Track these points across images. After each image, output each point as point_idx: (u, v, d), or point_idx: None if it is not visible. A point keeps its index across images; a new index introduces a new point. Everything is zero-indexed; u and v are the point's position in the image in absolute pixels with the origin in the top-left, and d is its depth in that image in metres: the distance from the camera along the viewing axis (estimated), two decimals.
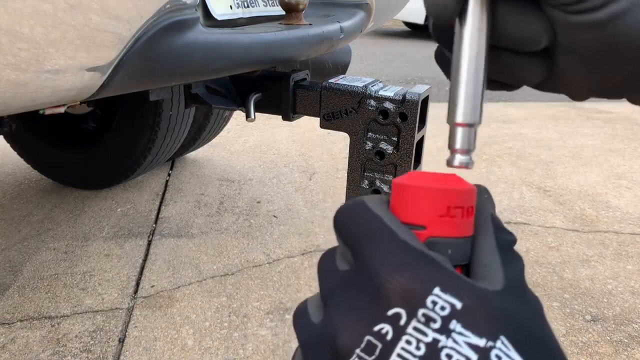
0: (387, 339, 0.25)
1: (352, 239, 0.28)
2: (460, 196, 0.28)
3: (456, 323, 0.24)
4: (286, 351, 1.31)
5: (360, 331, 0.25)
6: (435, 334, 0.24)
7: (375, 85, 1.09)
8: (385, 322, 0.25)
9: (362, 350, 0.25)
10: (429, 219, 0.28)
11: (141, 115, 1.94)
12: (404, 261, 0.26)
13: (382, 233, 0.27)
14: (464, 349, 0.23)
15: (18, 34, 0.64)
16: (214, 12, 1.14)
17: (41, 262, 1.69)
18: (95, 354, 1.30)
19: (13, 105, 0.72)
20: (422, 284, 0.25)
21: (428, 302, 0.24)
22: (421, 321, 0.24)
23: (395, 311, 0.25)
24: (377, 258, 0.26)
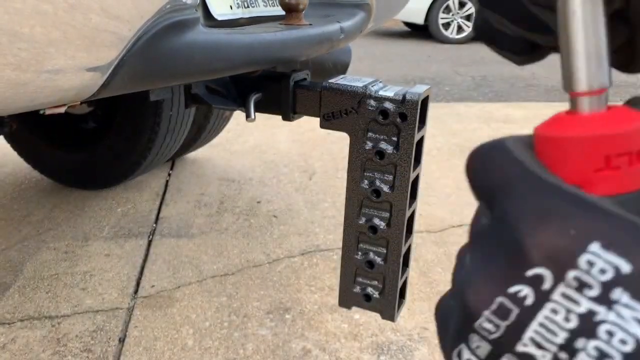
0: (525, 304, 0.20)
1: (486, 187, 0.24)
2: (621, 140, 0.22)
3: (622, 292, 0.18)
4: (286, 351, 1.31)
5: (492, 291, 0.21)
6: (591, 304, 0.19)
7: (375, 85, 1.09)
8: (524, 283, 0.20)
9: (492, 313, 0.21)
10: (582, 177, 0.22)
11: (141, 116, 1.94)
12: (550, 207, 0.21)
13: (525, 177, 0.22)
14: (632, 327, 0.18)
15: (18, 33, 0.64)
16: (214, 13, 1.14)
17: (41, 262, 1.70)
18: (96, 354, 1.30)
19: (13, 105, 0.72)
20: (575, 237, 0.19)
21: (582, 263, 0.19)
22: (572, 286, 0.19)
23: (537, 272, 0.20)
24: (516, 205, 0.22)
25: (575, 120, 0.23)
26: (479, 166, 0.25)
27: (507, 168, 0.23)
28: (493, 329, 0.21)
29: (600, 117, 0.23)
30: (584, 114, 0.23)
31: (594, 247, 0.19)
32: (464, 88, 4.79)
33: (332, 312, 1.46)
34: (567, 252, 0.19)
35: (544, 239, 0.20)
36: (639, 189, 0.22)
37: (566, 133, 0.23)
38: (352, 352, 1.32)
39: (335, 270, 1.65)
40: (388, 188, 1.03)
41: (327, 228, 1.94)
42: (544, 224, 0.20)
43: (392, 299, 1.05)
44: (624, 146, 0.22)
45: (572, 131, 0.22)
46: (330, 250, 1.79)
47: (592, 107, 0.23)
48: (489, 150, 0.25)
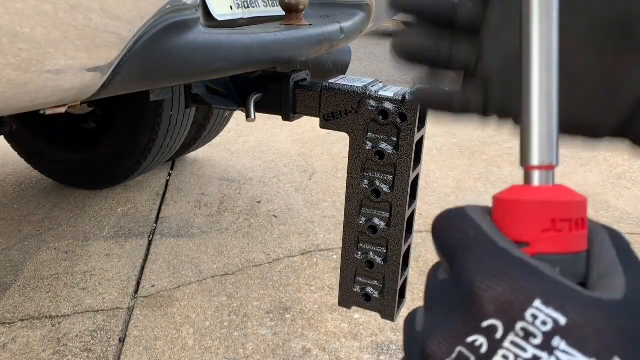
0: (481, 352, 0.23)
1: (448, 246, 0.27)
2: (566, 208, 0.26)
3: (560, 340, 0.22)
4: (286, 351, 1.32)
5: (452, 342, 0.24)
6: (535, 351, 0.22)
7: (375, 86, 1.09)
8: (480, 334, 0.23)
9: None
10: (532, 234, 0.26)
11: (142, 116, 1.94)
12: (501, 269, 0.24)
13: (480, 240, 0.26)
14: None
15: (19, 34, 0.64)
16: (214, 13, 1.14)
17: (42, 262, 1.70)
18: (96, 354, 1.30)
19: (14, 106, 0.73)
20: (521, 294, 0.23)
21: (527, 316, 0.22)
22: (519, 335, 0.22)
23: (491, 323, 0.23)
24: (473, 265, 0.25)
25: (529, 189, 0.27)
26: (442, 228, 0.28)
27: (465, 231, 0.26)
28: None
29: (549, 188, 0.27)
30: (535, 185, 0.28)
31: (537, 303, 0.22)
32: None
33: (332, 311, 1.47)
34: (516, 306, 0.23)
35: (497, 295, 0.23)
36: (573, 251, 0.26)
37: (522, 197, 0.26)
38: (352, 351, 1.32)
39: (335, 270, 1.65)
40: (388, 188, 1.03)
41: (327, 228, 1.94)
42: (497, 283, 0.23)
43: (391, 298, 1.05)
44: (567, 213, 0.26)
45: (527, 196, 0.26)
46: (330, 250, 1.79)
47: (542, 181, 0.28)
48: (452, 214, 0.28)
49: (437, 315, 0.26)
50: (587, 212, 0.27)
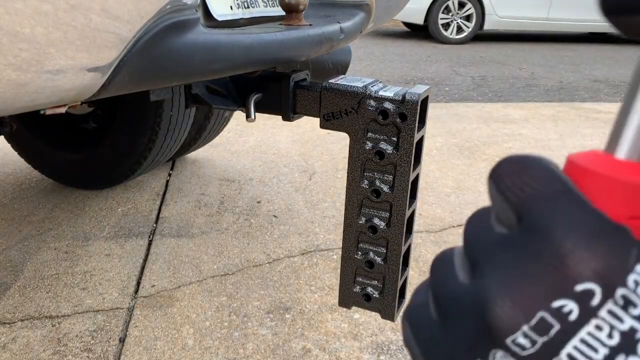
0: (569, 320, 0.20)
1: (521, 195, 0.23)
2: None
3: None
4: (286, 350, 1.32)
5: (533, 305, 0.20)
6: (634, 322, 0.19)
7: (375, 86, 1.09)
8: (571, 298, 0.20)
9: (531, 329, 0.20)
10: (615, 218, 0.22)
11: (142, 116, 1.94)
12: (600, 230, 0.21)
13: (569, 196, 0.22)
14: None
15: (19, 34, 0.64)
16: (214, 13, 1.14)
17: (42, 262, 1.70)
18: (96, 354, 1.30)
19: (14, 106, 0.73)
20: (624, 257, 0.20)
21: (629, 282, 0.20)
22: (619, 304, 0.20)
23: (587, 287, 0.20)
24: (563, 221, 0.21)
25: (617, 164, 0.23)
26: (512, 173, 0.23)
27: (548, 182, 0.23)
28: (528, 344, 0.20)
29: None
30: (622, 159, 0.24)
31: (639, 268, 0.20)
32: (463, 88, 4.79)
33: (332, 311, 1.47)
34: (617, 270, 0.20)
35: (596, 255, 0.20)
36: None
37: (616, 174, 0.23)
38: (352, 351, 1.32)
39: (335, 270, 1.65)
40: (388, 188, 1.03)
41: (327, 228, 1.94)
42: (596, 242, 0.20)
43: (391, 298, 1.05)
44: None
45: (622, 174, 0.23)
46: (330, 250, 1.79)
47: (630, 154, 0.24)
48: (527, 160, 0.24)
49: (506, 272, 0.21)
50: None
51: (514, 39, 8.44)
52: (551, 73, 5.58)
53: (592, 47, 7.85)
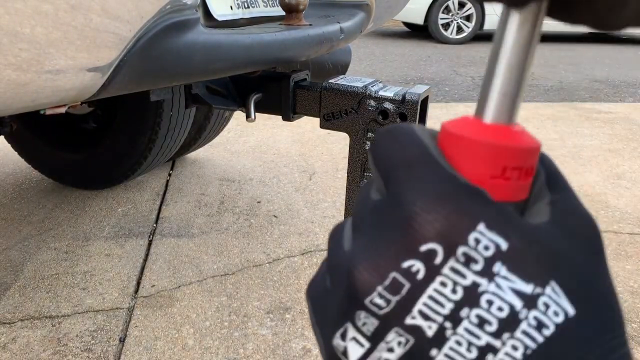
0: (417, 279, 0.21)
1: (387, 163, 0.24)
2: (520, 155, 0.24)
3: (501, 265, 0.21)
4: (286, 350, 1.32)
5: (385, 267, 0.22)
6: (475, 277, 0.21)
7: (375, 86, 1.09)
8: (417, 258, 0.21)
9: (385, 288, 0.22)
10: (478, 178, 0.23)
11: (142, 116, 1.94)
12: (446, 192, 0.22)
13: (425, 160, 0.23)
14: (508, 296, 0.21)
15: (19, 34, 0.64)
16: (214, 13, 1.14)
17: (42, 262, 1.70)
18: (96, 354, 1.30)
19: (14, 106, 0.73)
20: (465, 217, 0.21)
21: (470, 240, 0.21)
22: (460, 261, 0.21)
23: (430, 247, 0.21)
24: (415, 185, 0.22)
25: (482, 127, 0.24)
26: (383, 143, 0.25)
27: (411, 149, 0.24)
28: (384, 304, 0.22)
29: (503, 129, 0.24)
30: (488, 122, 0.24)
31: (481, 227, 0.21)
32: (463, 88, 4.79)
33: None
34: (458, 229, 0.21)
35: (440, 217, 0.21)
36: (516, 201, 0.24)
37: (477, 136, 0.24)
38: None
39: None
40: None
41: (327, 228, 1.94)
42: (440, 205, 0.21)
43: None
44: (520, 161, 0.24)
45: (483, 136, 0.24)
46: None
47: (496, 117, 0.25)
48: (397, 129, 0.25)
49: (368, 237, 0.23)
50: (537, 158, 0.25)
51: None
52: (551, 73, 5.58)
53: (592, 47, 7.85)
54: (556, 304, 0.21)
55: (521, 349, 0.20)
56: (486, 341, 0.21)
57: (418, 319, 0.21)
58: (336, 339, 0.23)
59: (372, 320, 0.22)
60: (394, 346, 0.22)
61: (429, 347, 0.21)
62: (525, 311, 0.21)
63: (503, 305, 0.21)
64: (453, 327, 0.21)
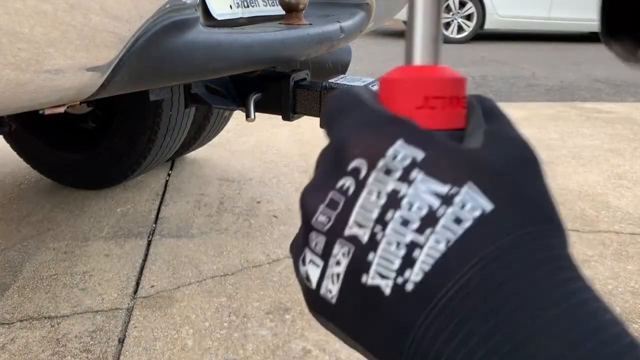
0: (349, 193, 0.25)
1: (327, 115, 0.29)
2: (438, 85, 0.26)
3: (418, 172, 0.24)
4: (286, 351, 1.31)
5: (324, 189, 0.26)
6: (395, 183, 0.24)
7: (375, 85, 1.09)
8: (346, 176, 0.25)
9: (325, 206, 0.25)
10: (406, 111, 0.26)
11: (141, 115, 1.94)
12: (369, 121, 0.26)
13: (355, 103, 0.27)
14: (426, 196, 0.23)
15: (18, 34, 0.64)
16: (213, 12, 1.14)
17: (41, 262, 1.69)
18: (95, 354, 1.30)
19: (13, 105, 0.72)
20: (384, 137, 0.25)
21: (388, 153, 0.24)
22: (381, 171, 0.24)
23: (355, 164, 0.25)
24: (344, 121, 0.27)
25: (408, 69, 0.28)
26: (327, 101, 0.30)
27: (344, 99, 0.28)
28: (326, 220, 0.25)
29: (426, 67, 0.28)
30: (416, 64, 0.28)
31: (398, 142, 0.24)
32: None
33: None
34: (378, 146, 0.24)
35: (362, 139, 0.25)
36: (447, 128, 0.27)
37: (397, 75, 0.27)
38: (352, 352, 1.31)
39: None
40: None
41: None
42: (363, 130, 0.25)
43: None
44: (439, 91, 0.26)
45: (404, 74, 0.27)
46: None
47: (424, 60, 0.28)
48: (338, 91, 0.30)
49: (315, 178, 0.27)
50: (465, 90, 0.28)
51: (514, 38, 8.44)
52: (552, 73, 5.58)
53: (593, 47, 7.84)
54: (473, 201, 0.23)
55: (443, 242, 0.23)
56: (411, 238, 0.23)
57: (354, 228, 0.24)
58: (300, 267, 0.27)
59: (320, 238, 0.26)
60: (340, 259, 0.25)
61: (367, 252, 0.24)
62: (443, 209, 0.23)
63: (422, 205, 0.23)
64: (382, 230, 0.24)
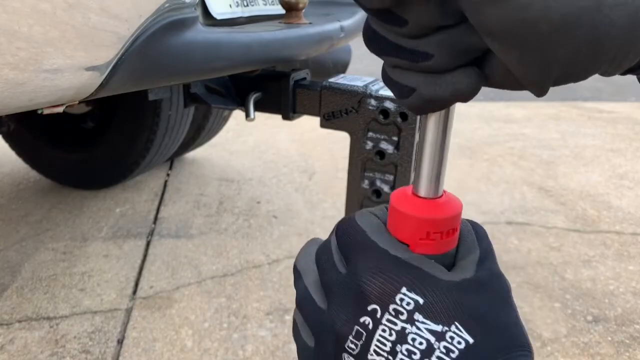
0: (369, 328, 0.32)
1: (344, 248, 0.36)
2: (439, 224, 0.33)
3: (419, 314, 0.31)
4: (286, 352, 1.31)
5: (352, 322, 0.33)
6: (402, 324, 0.32)
7: (375, 85, 1.08)
8: (367, 315, 0.33)
9: (353, 337, 0.33)
10: (411, 240, 0.34)
11: (140, 115, 1.93)
12: (379, 267, 0.33)
13: (365, 244, 0.35)
14: (425, 334, 0.31)
15: (16, 33, 0.63)
16: (213, 11, 1.13)
17: (40, 263, 1.69)
18: (94, 355, 1.29)
19: (11, 105, 0.72)
20: (392, 284, 0.32)
21: (397, 299, 0.32)
22: (392, 314, 0.32)
23: (373, 307, 0.33)
24: (360, 265, 0.34)
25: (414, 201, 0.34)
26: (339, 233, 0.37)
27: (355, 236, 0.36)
28: (354, 347, 0.33)
29: (430, 203, 0.34)
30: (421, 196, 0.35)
31: (403, 290, 0.32)
32: None
33: None
34: (388, 294, 0.32)
35: (376, 286, 0.33)
36: (443, 252, 0.34)
37: (408, 210, 0.34)
38: None
39: None
40: (389, 188, 1.02)
41: (327, 228, 1.93)
42: (376, 277, 0.33)
43: None
44: (439, 228, 0.34)
45: (410, 209, 0.34)
46: None
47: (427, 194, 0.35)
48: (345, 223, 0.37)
49: (340, 302, 0.34)
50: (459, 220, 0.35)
51: None
52: None
53: None
54: (459, 337, 0.31)
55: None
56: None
57: (374, 355, 0.32)
58: None
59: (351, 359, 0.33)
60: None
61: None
62: (437, 343, 0.31)
63: (422, 340, 0.31)
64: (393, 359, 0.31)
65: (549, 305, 1.51)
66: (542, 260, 1.75)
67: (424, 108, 0.31)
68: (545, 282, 1.62)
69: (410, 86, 0.30)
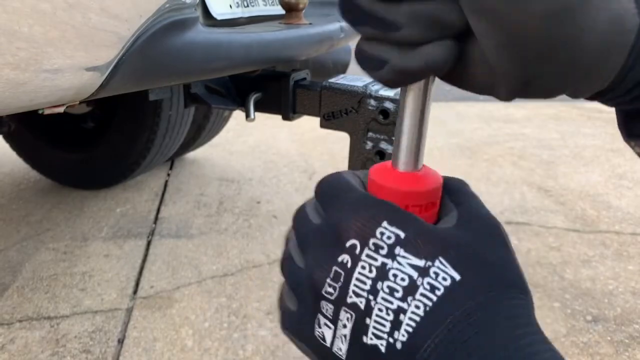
0: (347, 267, 0.30)
1: (324, 196, 0.35)
2: (417, 197, 0.33)
3: (400, 249, 0.30)
4: (286, 352, 1.31)
5: (329, 264, 0.31)
6: (383, 259, 0.30)
7: (375, 85, 1.09)
8: (345, 253, 0.31)
9: (331, 279, 0.31)
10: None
11: (140, 115, 1.93)
12: (360, 206, 0.32)
13: (347, 190, 0.34)
14: (407, 269, 0.29)
15: (17, 33, 0.63)
16: (213, 12, 1.13)
17: (40, 263, 1.69)
18: (95, 355, 1.29)
19: (12, 105, 0.72)
20: (373, 219, 0.31)
21: (377, 233, 0.30)
22: (372, 249, 0.30)
23: (352, 242, 0.31)
24: (340, 206, 0.33)
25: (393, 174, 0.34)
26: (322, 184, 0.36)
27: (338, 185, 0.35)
28: (332, 291, 0.31)
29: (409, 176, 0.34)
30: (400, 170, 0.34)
31: (384, 224, 0.30)
32: None
33: None
34: (369, 228, 0.30)
35: (356, 222, 0.31)
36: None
37: (387, 183, 0.34)
38: None
39: None
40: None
41: None
42: (356, 214, 0.31)
43: None
44: (417, 201, 0.33)
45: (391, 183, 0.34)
46: None
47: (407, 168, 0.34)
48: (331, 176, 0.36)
49: (317, 252, 0.32)
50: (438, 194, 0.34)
51: None
52: None
53: None
54: (444, 272, 0.29)
55: (422, 307, 0.28)
56: (397, 305, 0.29)
57: (353, 297, 0.30)
58: (316, 330, 0.32)
59: (329, 306, 0.31)
60: (345, 323, 0.31)
61: (364, 317, 0.30)
62: (420, 279, 0.29)
63: (404, 276, 0.29)
64: (374, 298, 0.29)
65: (548, 305, 1.51)
66: (541, 260, 1.75)
67: (397, 81, 0.31)
68: (544, 281, 1.63)
69: (382, 58, 0.30)
